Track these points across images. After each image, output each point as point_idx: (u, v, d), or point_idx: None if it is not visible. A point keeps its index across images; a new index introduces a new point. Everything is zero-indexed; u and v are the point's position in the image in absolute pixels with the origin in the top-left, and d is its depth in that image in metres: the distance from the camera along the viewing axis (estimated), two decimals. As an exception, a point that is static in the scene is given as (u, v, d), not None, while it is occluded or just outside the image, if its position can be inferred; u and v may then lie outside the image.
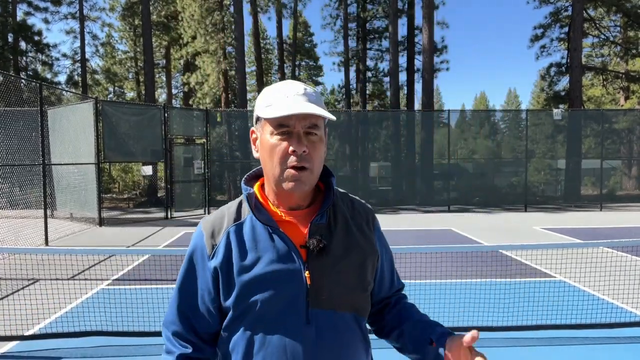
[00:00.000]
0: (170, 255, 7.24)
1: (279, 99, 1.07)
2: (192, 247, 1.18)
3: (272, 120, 1.07)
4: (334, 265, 1.11)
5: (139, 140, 13.03)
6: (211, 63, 20.87)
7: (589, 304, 4.98)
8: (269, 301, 1.07)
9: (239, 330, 1.10)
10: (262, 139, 1.12)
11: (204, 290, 1.14)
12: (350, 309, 1.13)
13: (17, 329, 4.31)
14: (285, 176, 1.08)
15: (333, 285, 1.10)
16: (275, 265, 1.08)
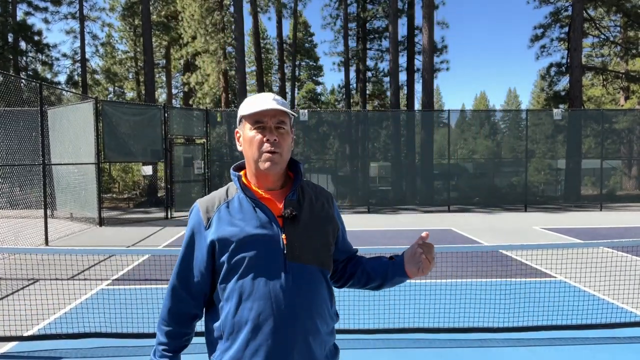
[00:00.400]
0: (170, 255, 7.24)
1: (255, 103, 1.43)
2: (191, 221, 1.49)
3: (251, 117, 1.43)
4: (303, 230, 1.45)
5: (139, 140, 13.02)
6: (211, 63, 20.87)
7: (589, 304, 4.98)
8: (255, 257, 1.39)
9: (232, 280, 1.40)
10: (244, 134, 1.47)
11: (201, 254, 1.45)
12: (316, 263, 1.46)
13: (16, 330, 4.31)
14: (262, 158, 1.42)
15: (303, 245, 1.43)
16: (260, 230, 1.40)
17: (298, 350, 1.39)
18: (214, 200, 1.48)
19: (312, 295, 1.43)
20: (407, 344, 4.06)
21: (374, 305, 5.07)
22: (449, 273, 6.43)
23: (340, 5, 26.06)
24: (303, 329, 1.40)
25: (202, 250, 1.45)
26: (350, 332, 4.26)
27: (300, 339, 1.39)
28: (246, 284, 1.39)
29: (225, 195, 1.49)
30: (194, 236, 1.47)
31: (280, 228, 1.42)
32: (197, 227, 1.46)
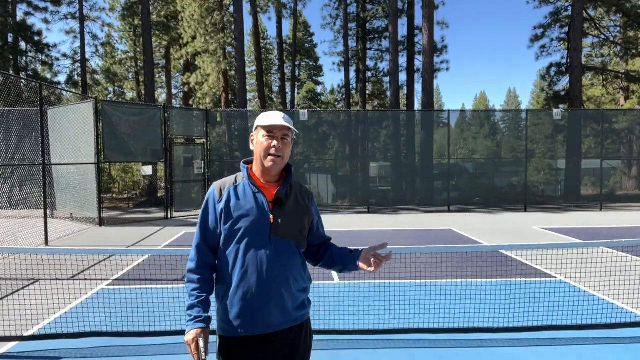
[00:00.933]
0: (170, 255, 7.24)
1: (269, 117, 1.97)
2: (208, 196, 2.01)
3: (265, 127, 1.96)
4: (286, 215, 1.96)
5: (139, 140, 13.02)
6: (211, 63, 20.87)
7: (589, 305, 4.98)
8: (248, 227, 1.91)
9: (231, 244, 1.92)
10: (257, 138, 1.99)
11: (214, 218, 1.97)
12: (293, 239, 1.97)
13: (16, 330, 4.31)
14: (268, 159, 1.94)
15: (284, 225, 1.94)
16: (255, 209, 1.93)
17: (274, 299, 1.91)
18: (225, 183, 2.02)
19: (286, 262, 1.94)
20: (407, 345, 4.06)
21: (374, 305, 5.07)
22: (449, 273, 6.43)
23: (340, 5, 26.06)
24: (278, 284, 1.91)
25: (215, 215, 1.97)
26: (350, 333, 4.26)
27: (275, 291, 1.91)
28: (240, 247, 1.91)
29: (234, 180, 2.03)
30: (209, 205, 1.99)
31: (270, 210, 1.94)
32: (212, 199, 1.99)
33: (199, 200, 14.44)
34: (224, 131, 17.28)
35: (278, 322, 1.93)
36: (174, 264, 6.90)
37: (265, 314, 1.90)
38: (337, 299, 5.26)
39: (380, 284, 5.87)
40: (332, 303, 5.06)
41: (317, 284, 5.79)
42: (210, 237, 1.98)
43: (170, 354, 3.88)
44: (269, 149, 1.93)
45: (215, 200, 1.97)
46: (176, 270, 6.66)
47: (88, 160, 11.41)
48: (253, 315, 1.89)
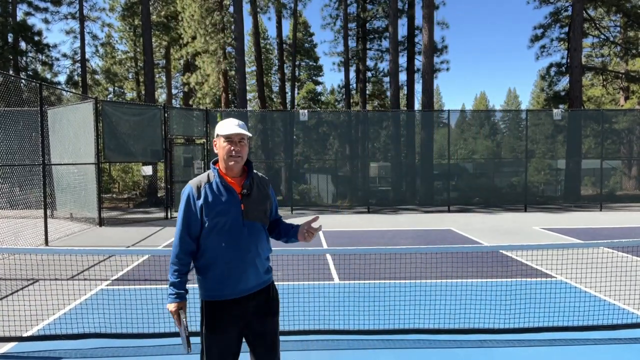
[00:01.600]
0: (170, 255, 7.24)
1: (227, 126, 2.39)
2: (187, 194, 2.38)
3: (224, 136, 2.39)
4: (252, 202, 2.42)
5: (139, 140, 13.01)
6: (211, 63, 20.86)
7: (591, 305, 4.97)
8: (226, 216, 2.34)
9: (214, 230, 2.34)
10: (219, 144, 2.42)
11: (195, 214, 2.36)
12: (260, 221, 2.45)
13: (16, 330, 4.31)
14: (229, 159, 2.38)
15: (252, 210, 2.41)
16: (229, 202, 2.36)
17: (250, 267, 2.40)
18: (200, 181, 2.41)
19: (256, 238, 2.42)
20: (407, 345, 4.06)
21: (374, 305, 5.07)
22: (449, 273, 6.43)
23: (340, 6, 26.05)
24: (252, 256, 2.40)
25: (196, 209, 2.37)
26: (350, 333, 4.26)
27: (250, 261, 2.40)
28: (222, 232, 2.35)
29: (207, 179, 2.42)
30: (190, 201, 2.38)
31: (239, 200, 2.39)
32: (192, 196, 2.38)
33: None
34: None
35: (253, 284, 2.42)
36: (173, 264, 6.89)
37: (244, 280, 2.39)
38: (337, 299, 5.26)
39: (380, 284, 5.87)
40: (332, 303, 5.06)
41: (317, 284, 5.79)
42: (193, 228, 2.38)
43: (170, 354, 3.88)
44: (230, 152, 2.38)
45: (195, 197, 2.37)
46: (176, 270, 6.65)
47: (88, 160, 11.41)
48: (236, 282, 2.38)
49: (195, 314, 2.76)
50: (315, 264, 6.73)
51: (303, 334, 4.13)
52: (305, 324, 4.39)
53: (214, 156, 2.46)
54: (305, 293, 5.30)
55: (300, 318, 4.46)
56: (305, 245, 3.90)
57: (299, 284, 5.66)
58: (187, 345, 2.39)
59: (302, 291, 5.38)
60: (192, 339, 2.46)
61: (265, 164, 16.92)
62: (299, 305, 4.79)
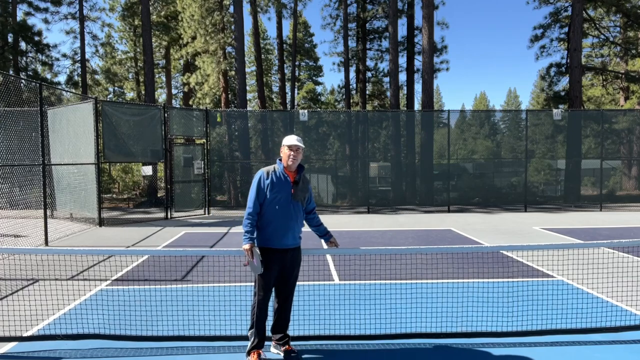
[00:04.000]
0: (169, 255, 7.24)
1: (290, 140, 3.82)
2: (259, 176, 3.76)
3: (287, 146, 3.80)
4: (298, 190, 3.80)
5: (139, 141, 13.00)
6: (211, 63, 20.85)
7: (593, 307, 4.97)
8: (281, 194, 3.72)
9: (272, 202, 3.70)
10: (284, 150, 3.82)
11: (264, 189, 3.72)
12: (300, 201, 3.82)
13: (16, 330, 4.31)
14: (288, 162, 3.79)
15: (297, 194, 3.78)
16: (285, 186, 3.75)
17: (290, 230, 3.74)
18: (269, 169, 3.79)
19: (297, 212, 3.78)
20: (409, 350, 4.06)
21: (374, 306, 5.07)
22: (450, 274, 6.43)
23: (340, 6, 26.04)
24: (292, 223, 3.75)
25: (264, 185, 3.71)
26: (350, 338, 4.25)
27: (291, 227, 3.74)
28: (277, 204, 3.69)
29: (273, 168, 3.80)
30: (261, 180, 3.72)
31: (292, 186, 3.75)
32: (263, 178, 3.73)
33: (199, 200, 14.45)
34: (224, 131, 17.27)
35: (291, 242, 3.76)
36: (173, 265, 6.90)
37: (286, 237, 3.72)
38: (337, 300, 5.26)
39: (380, 284, 5.87)
40: (332, 304, 5.06)
41: (317, 284, 5.79)
42: (261, 197, 3.70)
43: (169, 355, 3.89)
44: (289, 157, 3.76)
45: (264, 178, 3.72)
46: (176, 270, 6.66)
47: (88, 160, 11.41)
48: (281, 237, 3.71)
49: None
50: (315, 264, 6.74)
51: (302, 340, 4.12)
52: (306, 324, 4.39)
53: (214, 156, 2.79)
54: (306, 293, 5.30)
55: (300, 318, 4.46)
56: (305, 245, 4.03)
57: (299, 284, 5.64)
58: (261, 267, 3.63)
59: (302, 291, 5.38)
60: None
61: (265, 164, 16.91)
62: (299, 305, 4.79)
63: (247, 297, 5.07)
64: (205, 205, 14.22)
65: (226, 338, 4.09)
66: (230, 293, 5.42)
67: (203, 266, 6.93)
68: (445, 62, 25.79)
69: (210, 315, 4.62)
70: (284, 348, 3.81)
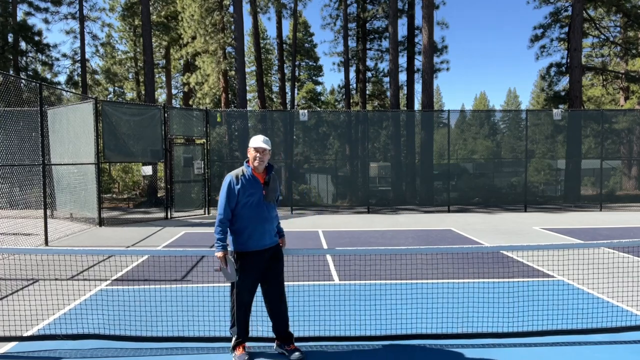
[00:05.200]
0: (169, 255, 7.24)
1: (255, 142, 3.80)
2: (228, 181, 3.71)
3: (253, 148, 3.79)
4: (269, 190, 3.81)
5: (139, 141, 13.00)
6: (211, 63, 20.86)
7: (594, 307, 4.97)
8: (253, 197, 3.72)
9: (245, 206, 3.70)
10: (249, 152, 3.82)
11: (234, 193, 3.68)
12: (272, 201, 3.84)
13: (16, 330, 4.30)
14: (254, 164, 3.78)
15: (268, 194, 3.80)
16: (255, 189, 3.74)
17: (267, 231, 3.77)
18: (237, 173, 3.76)
19: (270, 212, 3.80)
20: (410, 351, 4.05)
21: (374, 306, 5.06)
22: (450, 274, 6.42)
23: (340, 6, 26.04)
24: (268, 224, 3.78)
25: (235, 191, 3.67)
26: (351, 339, 4.25)
27: (267, 227, 3.77)
28: (251, 207, 3.69)
29: (242, 172, 3.76)
30: (231, 185, 3.68)
31: (262, 187, 3.75)
32: (232, 183, 3.69)
33: (199, 200, 14.45)
34: (224, 131, 17.27)
35: (268, 242, 3.79)
36: (173, 265, 6.90)
37: (262, 239, 3.75)
38: (337, 300, 5.25)
39: (380, 284, 5.87)
40: (332, 304, 5.06)
41: (317, 284, 5.79)
42: (232, 203, 3.67)
43: (169, 355, 3.88)
44: (255, 159, 3.76)
45: (234, 183, 3.69)
46: (175, 270, 6.66)
47: (88, 160, 11.41)
48: (258, 239, 3.72)
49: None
50: (315, 264, 6.73)
51: (302, 341, 4.12)
52: (306, 325, 4.39)
53: (214, 156, 2.84)
54: (305, 293, 5.30)
55: (300, 319, 4.46)
56: (305, 245, 4.06)
57: (299, 284, 5.65)
58: (235, 275, 3.67)
59: (303, 291, 5.38)
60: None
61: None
62: (299, 305, 4.79)
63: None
64: (205, 205, 14.22)
65: (226, 339, 4.09)
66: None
67: (203, 266, 6.93)
68: (445, 62, 25.80)
69: (210, 315, 4.62)
70: (288, 347, 3.81)
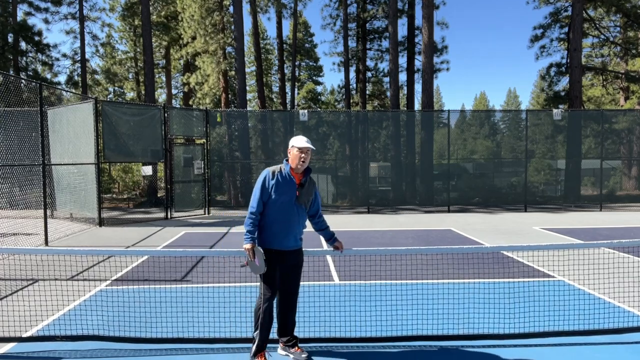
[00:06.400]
0: (169, 256, 7.24)
1: (300, 141, 3.72)
2: (264, 176, 3.68)
3: (297, 147, 3.70)
4: (303, 192, 3.73)
5: (139, 141, 12.99)
6: (211, 63, 20.85)
7: (595, 308, 4.96)
8: (284, 197, 3.66)
9: (276, 203, 3.65)
10: (293, 152, 3.72)
11: (268, 187, 3.65)
12: (304, 205, 3.76)
13: (15, 330, 4.30)
14: (299, 164, 3.69)
15: (301, 197, 3.71)
16: (289, 187, 3.68)
17: (291, 232, 3.69)
18: (275, 170, 3.68)
19: (299, 215, 3.72)
20: (411, 353, 4.05)
21: (374, 307, 5.06)
22: (450, 274, 6.42)
23: (340, 6, 26.03)
24: (294, 226, 3.70)
25: (269, 185, 3.64)
26: (351, 341, 4.24)
27: (292, 229, 3.69)
28: (280, 205, 3.64)
29: (279, 169, 3.70)
30: (266, 180, 3.64)
31: (296, 188, 3.68)
32: (268, 178, 3.65)
33: (199, 200, 14.45)
34: (224, 131, 17.27)
35: (291, 244, 3.71)
36: (173, 265, 6.90)
37: (287, 240, 3.67)
38: (337, 300, 5.25)
39: (380, 284, 5.86)
40: (332, 304, 5.06)
41: (317, 284, 5.79)
42: (265, 197, 3.64)
43: (169, 355, 3.88)
44: (299, 159, 3.66)
45: (269, 178, 3.64)
46: (176, 271, 6.66)
47: (88, 160, 11.41)
48: (282, 240, 3.66)
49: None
50: (316, 264, 6.73)
51: (304, 342, 4.12)
52: (306, 325, 4.38)
53: (214, 156, 2.76)
54: (306, 293, 5.30)
55: (300, 319, 4.45)
56: (305, 245, 4.02)
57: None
58: (264, 266, 3.58)
59: (302, 292, 5.36)
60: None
61: (265, 164, 16.91)
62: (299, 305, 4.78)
63: (247, 298, 5.07)
64: (205, 205, 14.22)
65: (226, 340, 4.08)
66: (231, 294, 5.41)
67: (203, 266, 6.93)
68: (445, 62, 25.79)
69: (210, 316, 4.62)
70: (293, 350, 3.78)
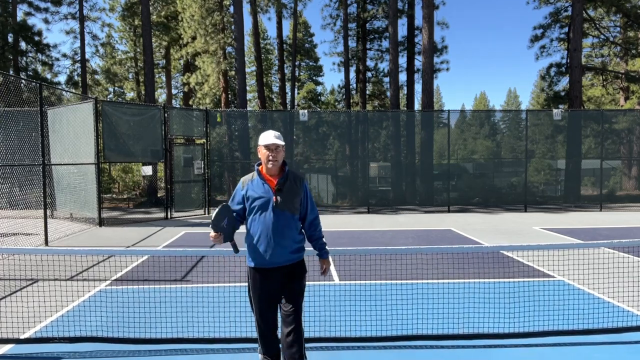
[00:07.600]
0: (169, 256, 7.23)
1: (265, 138, 3.15)
2: (238, 186, 3.24)
3: (263, 145, 3.14)
4: (283, 195, 3.13)
5: (139, 141, 12.99)
6: (211, 63, 20.86)
7: (594, 307, 4.96)
8: (260, 204, 3.12)
9: (251, 214, 3.15)
10: (261, 151, 3.16)
11: (240, 198, 3.21)
12: (287, 209, 3.14)
13: (14, 332, 4.30)
14: (268, 165, 3.14)
15: (282, 202, 3.11)
16: (264, 193, 3.13)
17: (277, 246, 3.13)
18: (246, 178, 3.26)
19: (282, 224, 3.14)
20: (410, 352, 4.05)
21: (374, 307, 5.06)
22: (450, 274, 6.42)
23: (340, 6, 26.04)
24: (278, 238, 3.13)
25: (240, 197, 3.23)
26: (351, 340, 4.24)
27: (277, 242, 3.13)
28: (256, 216, 3.15)
29: (251, 177, 3.24)
30: (237, 193, 3.26)
31: (273, 193, 3.13)
32: (239, 188, 3.24)
33: (199, 200, 14.45)
34: (224, 131, 17.27)
35: (282, 260, 3.16)
36: (173, 265, 6.90)
37: (274, 256, 3.13)
38: (337, 300, 5.25)
39: (380, 284, 5.86)
40: (332, 304, 5.05)
41: (317, 284, 5.78)
42: (235, 206, 3.23)
43: (168, 355, 3.88)
44: (267, 158, 3.13)
45: (240, 189, 3.25)
46: (176, 270, 6.65)
47: (88, 160, 11.40)
48: (265, 256, 3.14)
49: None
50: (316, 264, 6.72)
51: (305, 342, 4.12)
52: (305, 325, 4.38)
53: (214, 156, 2.74)
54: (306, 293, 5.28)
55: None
56: (305, 245, 3.95)
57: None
58: (236, 248, 3.34)
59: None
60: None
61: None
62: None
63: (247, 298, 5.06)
64: (205, 205, 14.21)
65: (226, 340, 4.08)
66: (231, 294, 5.41)
67: (203, 266, 6.93)
68: (445, 62, 25.82)
69: (210, 316, 4.61)
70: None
